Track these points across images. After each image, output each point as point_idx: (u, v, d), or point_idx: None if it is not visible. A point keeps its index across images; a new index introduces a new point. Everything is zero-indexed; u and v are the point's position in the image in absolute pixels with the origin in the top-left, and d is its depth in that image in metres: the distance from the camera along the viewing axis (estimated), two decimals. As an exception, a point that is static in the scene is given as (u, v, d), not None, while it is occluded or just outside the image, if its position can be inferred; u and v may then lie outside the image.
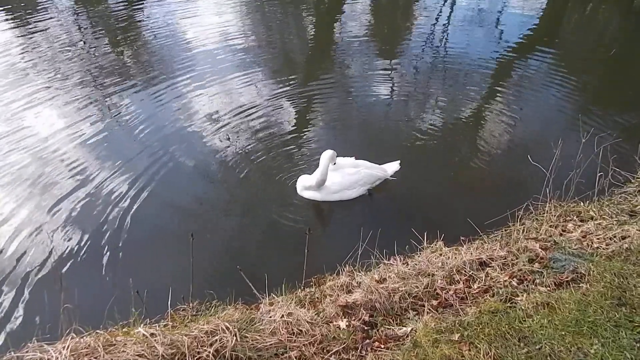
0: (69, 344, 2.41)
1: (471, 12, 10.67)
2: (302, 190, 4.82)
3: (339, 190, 4.72)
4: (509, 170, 5.35)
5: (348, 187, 4.73)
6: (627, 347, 2.48)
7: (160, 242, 4.37)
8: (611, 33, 10.04)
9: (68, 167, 5.23)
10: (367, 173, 4.76)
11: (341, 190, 4.72)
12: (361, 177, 4.73)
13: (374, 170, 4.82)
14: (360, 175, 4.72)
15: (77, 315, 2.72)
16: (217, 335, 2.57)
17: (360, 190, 4.81)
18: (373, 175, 4.81)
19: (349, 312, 2.90)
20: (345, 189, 4.73)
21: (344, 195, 4.76)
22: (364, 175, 4.74)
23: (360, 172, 4.72)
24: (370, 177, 4.79)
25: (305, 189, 4.78)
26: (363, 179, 4.75)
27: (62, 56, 7.89)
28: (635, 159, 4.59)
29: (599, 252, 3.28)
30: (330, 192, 4.70)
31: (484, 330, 2.64)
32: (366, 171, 4.75)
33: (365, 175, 4.75)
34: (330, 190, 4.69)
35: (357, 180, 4.72)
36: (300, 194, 4.83)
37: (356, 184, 4.74)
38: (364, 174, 4.73)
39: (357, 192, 4.80)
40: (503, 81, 7.49)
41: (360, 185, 4.78)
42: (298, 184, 4.84)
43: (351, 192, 4.77)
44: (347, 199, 4.79)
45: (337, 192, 4.73)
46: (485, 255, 3.38)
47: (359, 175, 4.71)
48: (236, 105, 6.52)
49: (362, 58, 8.18)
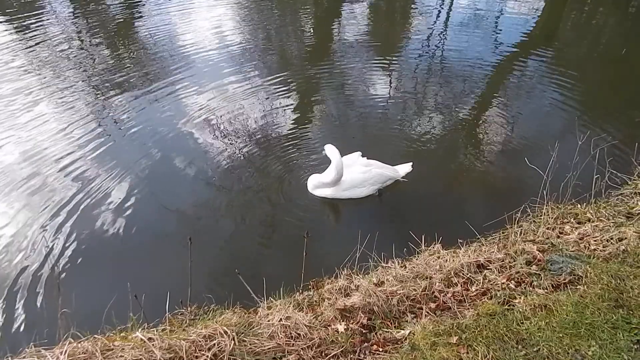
0: (67, 349, 2.40)
1: (469, 14, 10.71)
2: (313, 189, 4.82)
3: (349, 188, 4.73)
4: (506, 173, 5.36)
5: (358, 185, 4.74)
6: (624, 348, 2.49)
7: (158, 246, 4.37)
8: (609, 35, 10.09)
9: (65, 171, 5.22)
10: (378, 172, 4.78)
11: (351, 188, 4.74)
12: (372, 176, 4.74)
13: (385, 170, 4.84)
14: (371, 174, 4.74)
15: (74, 320, 2.72)
16: (215, 340, 2.56)
17: (370, 189, 4.82)
18: (384, 175, 4.82)
19: (347, 315, 2.91)
20: (356, 187, 4.75)
21: (354, 193, 4.77)
22: (375, 175, 4.75)
23: (371, 171, 4.74)
24: (380, 176, 4.80)
25: (317, 188, 4.78)
26: (374, 177, 4.76)
27: (59, 59, 7.88)
28: (631, 160, 4.61)
29: (596, 254, 3.29)
30: (341, 189, 4.71)
31: (482, 333, 2.65)
32: (377, 170, 4.77)
33: (376, 174, 4.76)
34: (341, 188, 4.70)
35: (367, 179, 4.73)
36: (312, 192, 4.83)
37: (366, 182, 4.75)
38: (374, 173, 4.75)
39: (368, 190, 4.81)
40: (500, 83, 7.53)
41: (370, 184, 4.79)
42: (309, 183, 4.84)
43: (361, 191, 4.78)
44: (357, 197, 4.80)
45: (347, 190, 4.74)
46: (483, 258, 3.38)
47: (369, 174, 4.73)
48: (234, 107, 6.52)
49: (360, 60, 8.20)
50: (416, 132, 6.07)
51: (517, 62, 8.23)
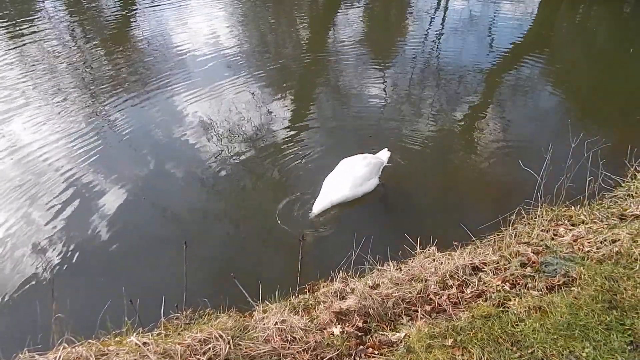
0: (61, 354, 2.40)
1: (463, 18, 10.78)
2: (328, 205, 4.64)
3: (362, 183, 4.76)
4: (501, 176, 5.39)
5: (368, 178, 4.78)
6: (618, 350, 2.50)
7: (153, 251, 4.36)
8: (602, 38, 10.18)
9: (60, 176, 5.20)
10: (376, 161, 4.85)
11: (363, 182, 4.77)
12: (373, 165, 4.81)
13: (378, 157, 4.96)
14: (371, 164, 4.80)
15: (69, 324, 2.70)
16: (210, 344, 2.56)
17: (376, 180, 4.88)
18: (380, 160, 4.93)
19: (342, 318, 2.90)
20: (366, 180, 4.78)
21: (366, 186, 4.80)
22: (374, 163, 4.83)
23: (370, 162, 4.79)
24: (377, 164, 4.89)
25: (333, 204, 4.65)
26: (375, 166, 4.84)
27: (53, 65, 7.87)
28: (624, 163, 4.64)
29: (589, 256, 3.31)
30: (355, 185, 4.71)
31: (477, 335, 2.65)
32: (373, 160, 4.84)
33: (376, 163, 4.85)
34: (355, 184, 4.71)
35: (371, 170, 4.79)
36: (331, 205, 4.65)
37: (372, 173, 4.81)
38: (374, 161, 4.82)
39: (374, 182, 4.87)
40: (494, 86, 7.57)
41: (375, 174, 4.86)
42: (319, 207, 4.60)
43: (371, 182, 4.83)
44: (369, 190, 4.83)
45: (361, 185, 4.76)
46: (478, 260, 3.39)
47: (370, 165, 4.78)
48: (229, 112, 6.53)
49: (355, 64, 8.22)
50: (411, 135, 6.08)
51: (511, 66, 8.28)
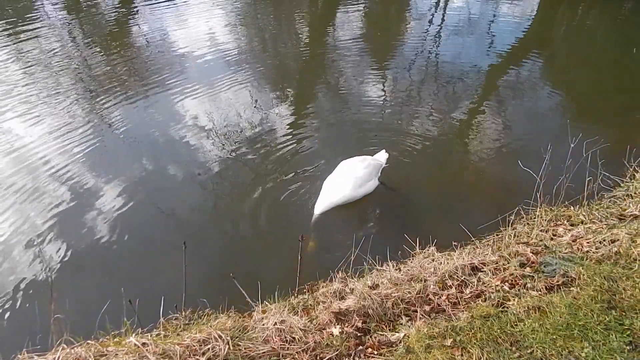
0: (60, 355, 2.39)
1: (462, 19, 10.78)
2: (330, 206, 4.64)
3: (362, 184, 4.75)
4: (500, 176, 5.39)
5: (367, 180, 4.78)
6: (617, 350, 2.50)
7: (152, 251, 4.35)
8: (602, 38, 10.18)
9: (58, 177, 5.20)
10: (375, 163, 4.85)
11: (363, 183, 4.76)
12: (372, 167, 4.81)
13: (377, 158, 4.96)
14: (371, 165, 4.80)
15: (68, 325, 2.70)
16: (209, 344, 2.56)
17: (375, 182, 4.88)
18: (378, 162, 4.93)
19: (342, 318, 2.90)
20: (366, 181, 4.78)
21: (367, 187, 4.80)
22: (374, 165, 4.83)
23: (370, 163, 4.79)
24: (376, 166, 4.89)
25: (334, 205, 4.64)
26: (374, 168, 4.84)
27: (52, 65, 7.86)
28: (623, 163, 4.65)
29: (589, 256, 3.31)
30: (356, 186, 4.71)
31: (476, 335, 2.65)
32: (372, 162, 4.84)
33: (375, 165, 4.85)
34: (356, 185, 4.70)
35: (371, 172, 4.79)
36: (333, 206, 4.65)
37: (371, 175, 4.81)
38: (373, 163, 4.82)
39: (374, 183, 4.87)
40: (494, 87, 7.57)
41: (374, 176, 4.86)
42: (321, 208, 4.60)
43: (370, 184, 4.83)
44: (369, 191, 4.82)
45: (361, 187, 4.75)
46: (477, 260, 3.39)
47: (370, 167, 4.78)
48: (229, 112, 6.53)
49: (355, 64, 8.23)
50: (410, 136, 6.09)
51: (510, 66, 8.29)
